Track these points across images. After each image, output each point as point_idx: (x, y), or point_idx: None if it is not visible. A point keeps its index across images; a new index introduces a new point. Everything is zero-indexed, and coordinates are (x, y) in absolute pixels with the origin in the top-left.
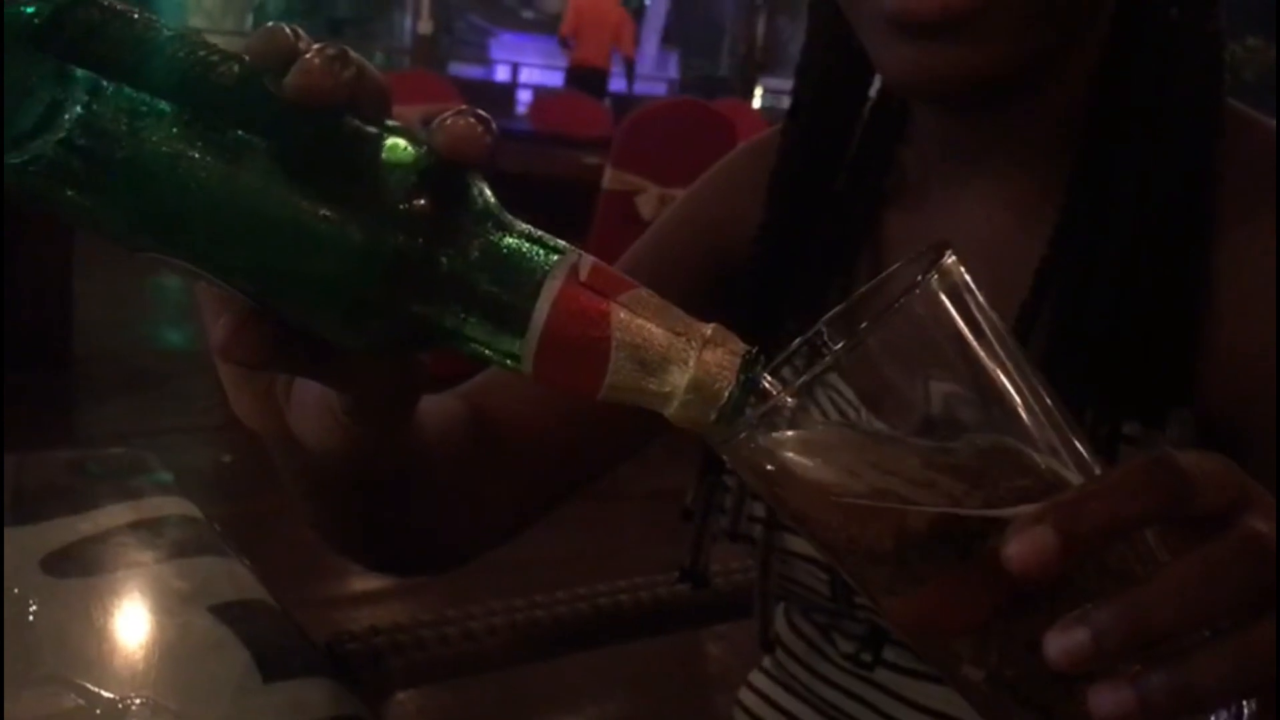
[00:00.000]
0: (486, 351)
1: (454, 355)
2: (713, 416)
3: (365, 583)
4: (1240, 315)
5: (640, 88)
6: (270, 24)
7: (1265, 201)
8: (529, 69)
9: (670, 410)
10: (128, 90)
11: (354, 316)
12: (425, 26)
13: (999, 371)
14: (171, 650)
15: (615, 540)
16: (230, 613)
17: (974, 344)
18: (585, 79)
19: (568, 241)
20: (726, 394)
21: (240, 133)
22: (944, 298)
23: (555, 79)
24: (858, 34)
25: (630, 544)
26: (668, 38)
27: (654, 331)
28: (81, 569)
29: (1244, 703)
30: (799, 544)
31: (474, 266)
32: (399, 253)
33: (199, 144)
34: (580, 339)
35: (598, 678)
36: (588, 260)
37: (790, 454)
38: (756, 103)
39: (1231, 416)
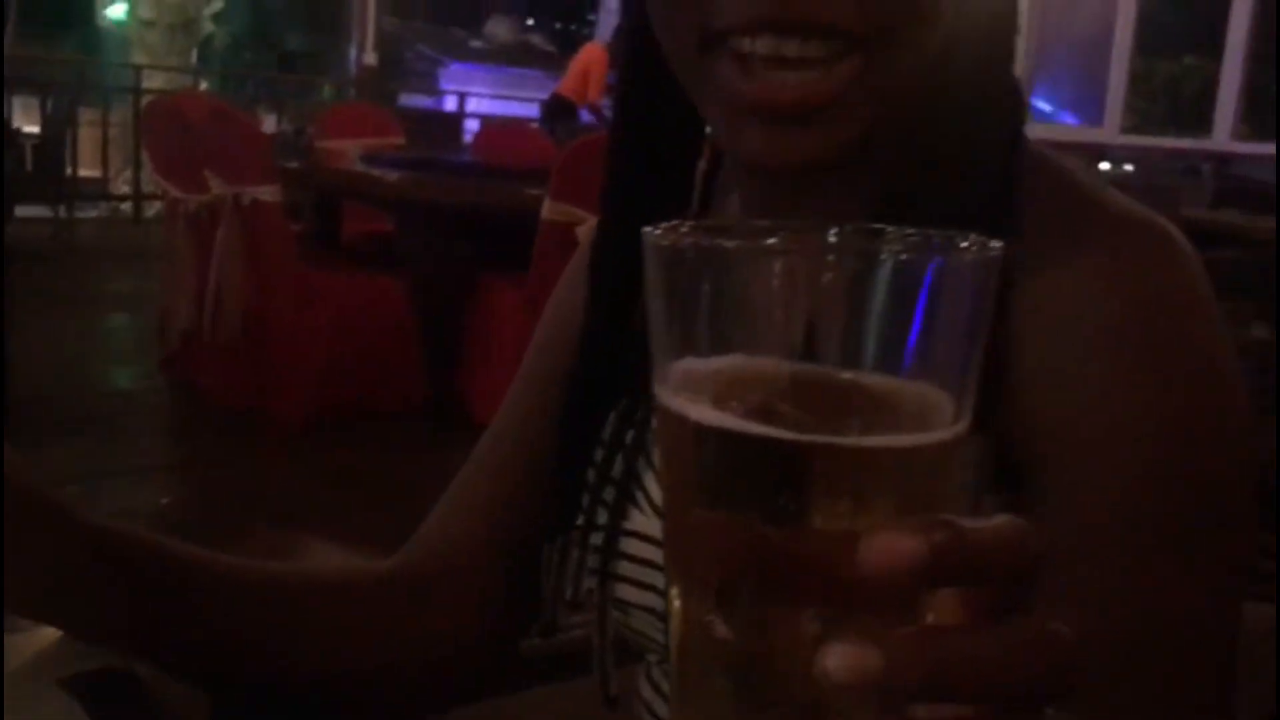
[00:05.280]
0: None
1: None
2: None
3: None
4: (1042, 352)
5: (584, 117)
6: None
7: (1064, 239)
8: (476, 99)
9: None
10: None
11: None
12: (370, 58)
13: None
14: None
15: None
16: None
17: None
18: (561, 109)
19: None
20: None
21: None
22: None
23: (501, 109)
24: (702, 110)
25: None
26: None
27: None
28: None
29: None
30: (634, 594)
31: None
32: None
33: None
34: None
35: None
36: None
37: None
38: None
39: (1030, 452)
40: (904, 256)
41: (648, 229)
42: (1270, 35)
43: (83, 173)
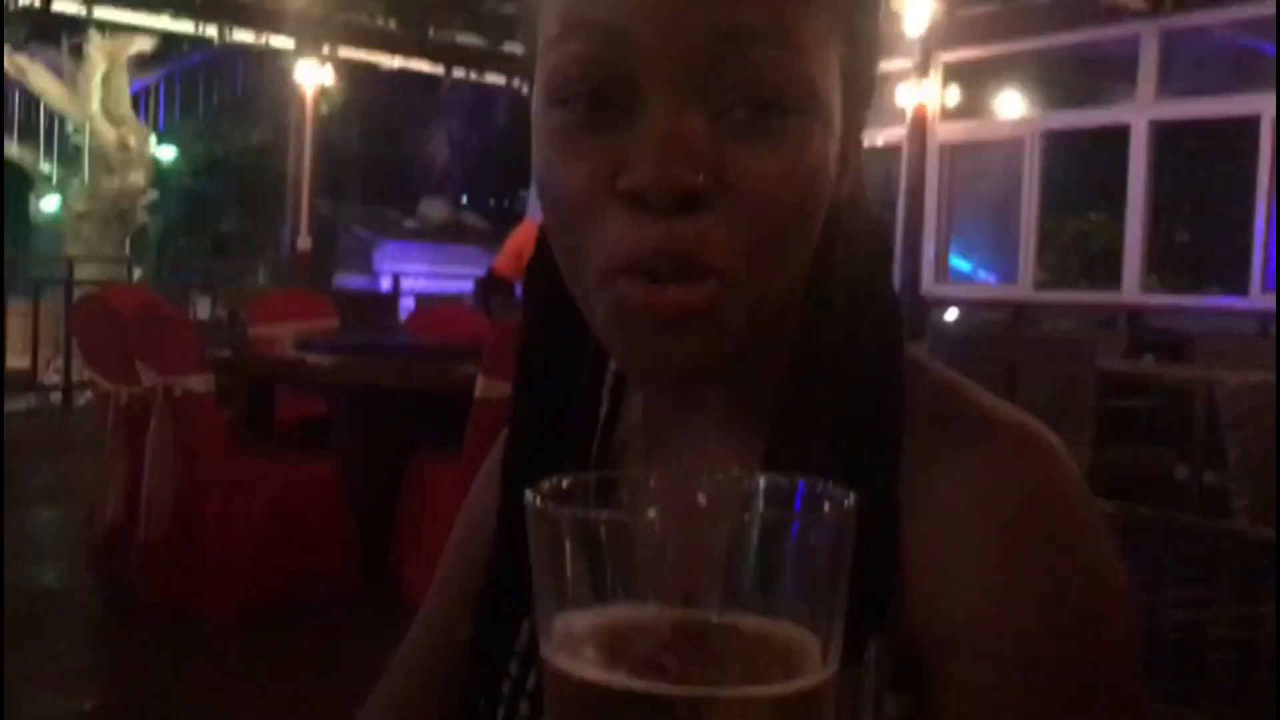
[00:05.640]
0: None
1: None
2: None
3: None
4: (927, 554)
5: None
6: None
7: (944, 447)
8: (411, 277)
9: None
10: None
11: None
12: (304, 241)
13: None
14: None
15: None
16: None
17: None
18: (496, 286)
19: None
20: None
21: None
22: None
23: (437, 286)
24: (592, 326)
25: None
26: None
27: None
28: None
29: None
30: None
31: None
32: None
33: None
34: None
35: None
36: None
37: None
38: None
39: (923, 651)
40: (769, 519)
41: (529, 492)
42: (1167, 191)
43: (11, 363)
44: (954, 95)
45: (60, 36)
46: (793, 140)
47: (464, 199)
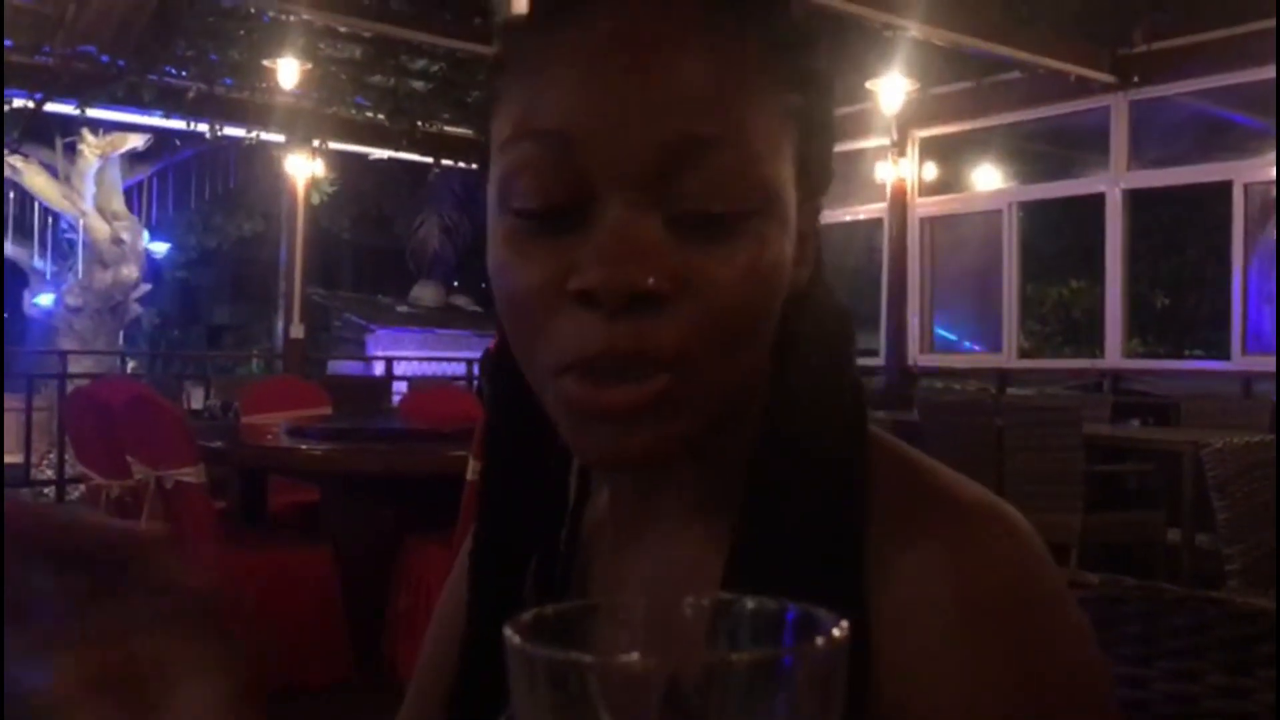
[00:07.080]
0: None
1: None
2: None
3: None
4: (895, 640)
5: None
6: None
7: (910, 531)
8: (405, 362)
9: None
10: None
11: None
12: (297, 330)
13: None
14: None
15: None
16: None
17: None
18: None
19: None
20: None
21: None
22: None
23: (430, 369)
24: (550, 415)
25: None
26: None
27: None
28: None
29: None
30: None
31: None
32: None
33: None
34: None
35: None
36: None
37: None
38: None
39: None
40: (757, 655)
41: (508, 629)
42: (1144, 257)
43: (5, 459)
44: (931, 170)
45: (53, 135)
46: (749, 240)
47: (455, 283)
